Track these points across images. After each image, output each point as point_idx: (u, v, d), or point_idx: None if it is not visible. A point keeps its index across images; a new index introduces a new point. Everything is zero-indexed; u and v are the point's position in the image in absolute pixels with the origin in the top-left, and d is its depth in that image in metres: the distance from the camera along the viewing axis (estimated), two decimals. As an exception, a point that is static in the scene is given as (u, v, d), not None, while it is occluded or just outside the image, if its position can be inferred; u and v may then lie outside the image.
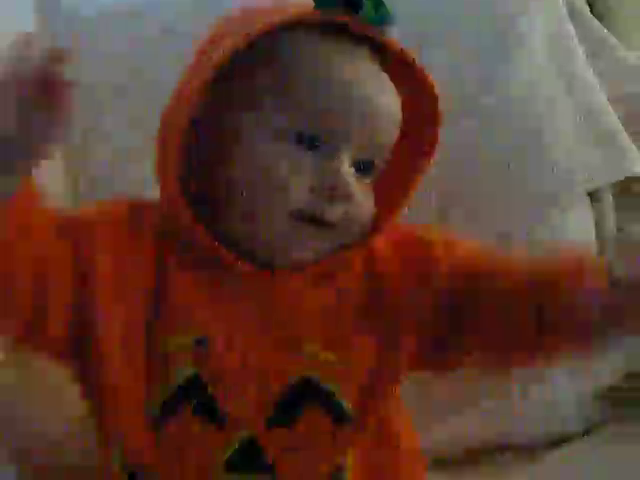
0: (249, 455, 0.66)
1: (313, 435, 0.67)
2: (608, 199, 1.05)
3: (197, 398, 0.66)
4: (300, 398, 0.67)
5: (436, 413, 0.94)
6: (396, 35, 0.71)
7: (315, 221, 0.67)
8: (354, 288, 0.72)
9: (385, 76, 0.71)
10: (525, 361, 0.76)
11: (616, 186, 1.06)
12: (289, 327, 0.69)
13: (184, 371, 0.66)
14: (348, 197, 0.68)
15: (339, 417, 0.68)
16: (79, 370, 0.69)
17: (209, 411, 0.66)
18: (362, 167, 0.70)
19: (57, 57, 0.54)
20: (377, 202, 0.72)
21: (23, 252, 0.62)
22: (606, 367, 1.00)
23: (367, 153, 0.70)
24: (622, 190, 1.07)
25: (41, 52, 0.54)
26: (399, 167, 0.74)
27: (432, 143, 0.74)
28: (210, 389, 0.66)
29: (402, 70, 0.72)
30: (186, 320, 0.67)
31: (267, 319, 0.69)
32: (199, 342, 0.67)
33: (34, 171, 0.60)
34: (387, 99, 0.70)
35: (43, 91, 0.54)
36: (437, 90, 0.72)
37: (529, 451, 0.98)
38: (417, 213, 0.77)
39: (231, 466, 0.66)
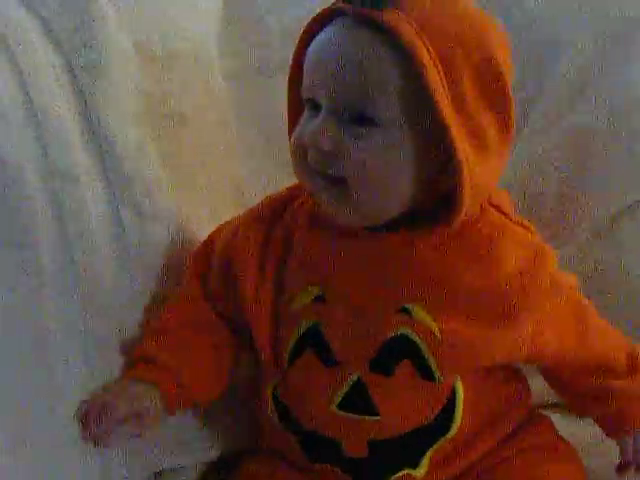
0: (359, 398, 0.79)
1: (407, 387, 0.79)
2: None
3: (316, 344, 0.80)
4: (396, 352, 0.78)
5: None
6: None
7: (324, 175, 0.75)
8: (469, 267, 0.78)
9: (372, 45, 0.72)
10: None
11: None
12: (394, 288, 0.78)
13: (307, 322, 0.81)
14: (318, 148, 0.74)
15: (427, 377, 0.78)
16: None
17: (325, 354, 0.80)
18: (358, 120, 0.73)
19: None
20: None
21: None
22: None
23: (350, 106, 0.73)
24: None
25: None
26: None
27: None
28: (326, 337, 0.80)
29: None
30: (308, 276, 0.81)
31: (376, 278, 0.79)
32: (317, 299, 0.80)
33: None
34: (354, 58, 0.73)
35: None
36: (426, 63, 0.71)
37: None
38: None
39: (344, 406, 0.80)
